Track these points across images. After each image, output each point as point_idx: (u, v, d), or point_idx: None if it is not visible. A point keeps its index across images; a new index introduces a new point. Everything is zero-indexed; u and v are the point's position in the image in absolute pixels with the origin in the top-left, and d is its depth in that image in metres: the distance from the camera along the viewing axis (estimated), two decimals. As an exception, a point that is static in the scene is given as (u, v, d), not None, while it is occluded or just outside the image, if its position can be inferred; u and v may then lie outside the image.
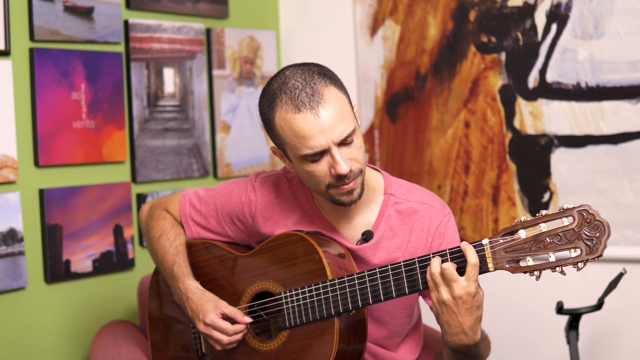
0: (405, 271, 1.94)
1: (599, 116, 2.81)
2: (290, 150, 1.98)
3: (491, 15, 3.01)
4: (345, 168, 1.93)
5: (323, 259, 2.03)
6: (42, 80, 2.71)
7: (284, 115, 1.95)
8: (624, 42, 2.74)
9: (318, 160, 1.95)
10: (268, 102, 2.00)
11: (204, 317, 2.08)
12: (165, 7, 3.10)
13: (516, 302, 3.02)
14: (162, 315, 2.37)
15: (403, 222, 2.12)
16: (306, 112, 1.92)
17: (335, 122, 1.92)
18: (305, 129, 1.91)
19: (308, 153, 1.94)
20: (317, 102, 1.92)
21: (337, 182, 1.96)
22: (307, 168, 1.97)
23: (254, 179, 2.22)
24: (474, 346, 1.93)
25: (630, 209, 2.77)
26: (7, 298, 2.65)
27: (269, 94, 2.00)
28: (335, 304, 2.01)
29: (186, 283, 2.15)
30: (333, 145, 1.93)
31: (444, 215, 2.14)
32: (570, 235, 1.76)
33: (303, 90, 1.93)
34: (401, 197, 2.14)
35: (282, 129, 1.96)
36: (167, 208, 2.33)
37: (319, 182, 1.98)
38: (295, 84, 1.95)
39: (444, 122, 3.13)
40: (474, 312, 1.87)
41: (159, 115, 3.08)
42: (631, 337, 2.81)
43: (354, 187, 1.98)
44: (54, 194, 2.74)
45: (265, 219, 2.18)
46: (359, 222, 2.13)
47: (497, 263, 1.83)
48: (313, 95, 1.93)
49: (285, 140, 1.98)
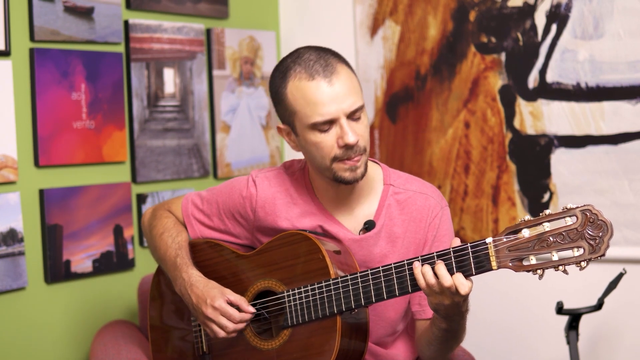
0: (408, 269, 1.94)
1: (599, 116, 2.81)
2: (300, 120, 2.02)
3: (491, 15, 3.01)
4: (354, 138, 1.98)
5: (326, 258, 2.03)
6: (42, 81, 2.71)
7: (297, 84, 2.00)
8: (624, 42, 2.75)
9: (327, 131, 2.00)
10: (281, 74, 2.05)
11: (212, 301, 2.08)
12: (165, 7, 3.10)
13: (516, 303, 3.03)
14: (163, 316, 2.37)
15: (402, 212, 2.15)
16: (320, 79, 1.98)
17: (347, 93, 1.99)
18: (318, 95, 1.97)
19: (318, 120, 1.98)
20: (331, 73, 1.99)
21: (343, 154, 2.00)
22: (314, 139, 2.01)
23: (254, 175, 2.24)
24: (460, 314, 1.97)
25: (630, 209, 2.78)
26: (7, 298, 2.64)
27: (282, 67, 2.06)
28: (338, 303, 2.01)
29: (189, 272, 2.16)
30: (343, 116, 1.98)
31: (441, 207, 2.17)
32: (573, 234, 1.77)
33: (317, 62, 2.00)
34: (400, 187, 2.17)
35: (294, 97, 2.01)
36: (170, 209, 2.35)
37: (324, 155, 2.02)
38: (310, 57, 2.02)
39: (444, 123, 3.13)
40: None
41: (159, 116, 3.08)
42: (631, 337, 2.82)
43: (358, 164, 2.02)
44: (54, 194, 2.74)
45: (266, 212, 2.18)
46: (360, 212, 2.16)
47: (500, 261, 1.84)
48: (327, 67, 2.00)
49: (295, 109, 2.01)
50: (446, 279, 1.87)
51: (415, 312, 2.19)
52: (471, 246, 1.86)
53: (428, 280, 1.89)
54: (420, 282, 1.91)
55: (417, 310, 2.18)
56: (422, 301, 2.16)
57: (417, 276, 1.92)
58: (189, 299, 2.14)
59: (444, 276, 1.87)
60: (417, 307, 2.18)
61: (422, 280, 1.91)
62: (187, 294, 2.15)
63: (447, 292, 1.88)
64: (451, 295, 1.89)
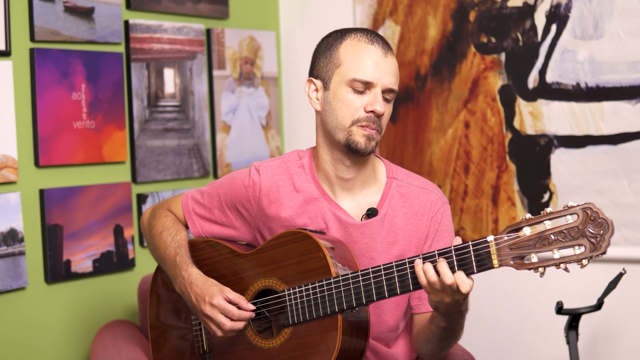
0: (409, 267, 1.94)
1: (599, 116, 2.81)
2: (341, 73, 2.09)
3: (491, 15, 3.02)
4: (382, 108, 2.07)
5: (327, 257, 2.03)
6: (43, 81, 2.71)
7: (355, 42, 2.11)
8: (624, 43, 2.75)
9: (361, 92, 2.08)
10: (339, 34, 2.15)
11: (210, 298, 2.08)
12: (165, 7, 3.11)
13: (516, 302, 3.03)
14: (163, 315, 2.37)
15: (405, 205, 2.17)
16: (378, 47, 2.10)
17: (392, 71, 2.10)
18: (371, 57, 2.08)
19: (360, 78, 2.07)
20: (388, 49, 2.12)
21: (365, 120, 2.08)
22: (346, 95, 2.09)
23: (257, 165, 2.25)
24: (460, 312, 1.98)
25: (630, 209, 2.78)
26: (8, 298, 2.64)
27: (341, 30, 2.17)
28: (339, 301, 2.01)
29: (189, 270, 2.17)
30: (381, 86, 2.08)
31: (443, 204, 2.20)
32: (574, 232, 1.77)
33: (378, 37, 2.13)
34: (403, 181, 2.21)
35: (346, 51, 2.10)
36: (170, 208, 2.34)
37: (348, 114, 2.09)
38: (372, 32, 2.15)
39: (444, 123, 3.13)
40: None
41: (159, 116, 3.08)
42: (631, 337, 2.82)
43: (374, 135, 2.09)
44: (55, 194, 2.74)
45: (270, 201, 2.19)
46: (364, 200, 2.18)
47: (501, 260, 1.84)
48: (385, 44, 2.13)
49: (342, 62, 2.10)
50: (448, 276, 1.87)
51: (413, 305, 2.20)
52: (473, 244, 1.86)
53: (429, 277, 1.90)
54: (422, 279, 1.91)
55: (415, 304, 2.19)
56: (422, 294, 2.16)
57: (419, 273, 1.92)
58: (188, 297, 2.14)
59: (445, 274, 1.87)
60: (416, 300, 2.19)
61: (423, 277, 1.91)
62: (186, 292, 2.15)
63: (449, 289, 1.88)
64: (452, 293, 1.89)
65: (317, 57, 2.17)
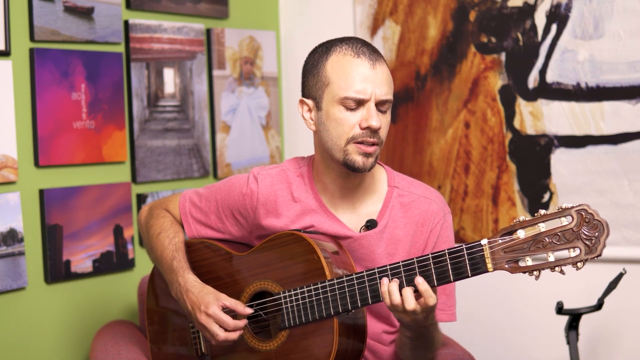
0: (404, 271, 1.93)
1: (599, 116, 2.81)
2: (331, 92, 2.04)
3: (491, 15, 3.01)
4: (377, 123, 2.01)
5: (321, 259, 2.03)
6: (42, 81, 2.71)
7: (340, 57, 2.05)
8: (624, 43, 2.75)
9: (354, 110, 2.03)
10: (324, 49, 2.10)
11: (205, 308, 2.08)
12: (165, 7, 3.11)
13: (516, 303, 3.02)
14: (161, 316, 2.37)
15: (405, 215, 2.15)
16: (364, 60, 2.03)
17: (383, 81, 2.04)
18: (359, 71, 2.02)
19: (351, 96, 2.01)
20: (376, 59, 2.05)
21: (362, 137, 2.03)
22: (338, 114, 2.04)
23: (256, 172, 2.23)
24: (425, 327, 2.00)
25: (630, 209, 2.77)
26: (7, 298, 2.65)
27: (326, 44, 2.11)
28: (335, 304, 2.01)
29: (185, 277, 2.16)
30: (374, 100, 2.02)
31: (444, 214, 2.18)
32: (569, 234, 1.76)
33: (364, 46, 2.06)
34: (405, 190, 2.18)
35: (334, 69, 2.05)
36: (167, 207, 2.34)
37: (343, 132, 2.04)
38: (357, 42, 2.08)
39: (444, 123, 3.13)
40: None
41: (159, 116, 3.08)
42: (631, 337, 2.81)
43: (372, 151, 2.05)
44: (54, 194, 2.75)
45: (267, 210, 2.18)
46: (363, 211, 2.16)
47: (496, 263, 1.83)
48: (373, 53, 2.06)
49: (330, 80, 2.04)
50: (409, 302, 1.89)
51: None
52: (466, 248, 1.85)
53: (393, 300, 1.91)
54: (386, 300, 1.93)
55: None
56: None
57: (383, 294, 1.93)
58: (184, 304, 2.14)
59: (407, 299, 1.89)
60: None
61: (387, 298, 1.92)
62: (182, 299, 2.15)
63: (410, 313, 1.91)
64: (412, 314, 1.91)
65: (306, 75, 2.12)
